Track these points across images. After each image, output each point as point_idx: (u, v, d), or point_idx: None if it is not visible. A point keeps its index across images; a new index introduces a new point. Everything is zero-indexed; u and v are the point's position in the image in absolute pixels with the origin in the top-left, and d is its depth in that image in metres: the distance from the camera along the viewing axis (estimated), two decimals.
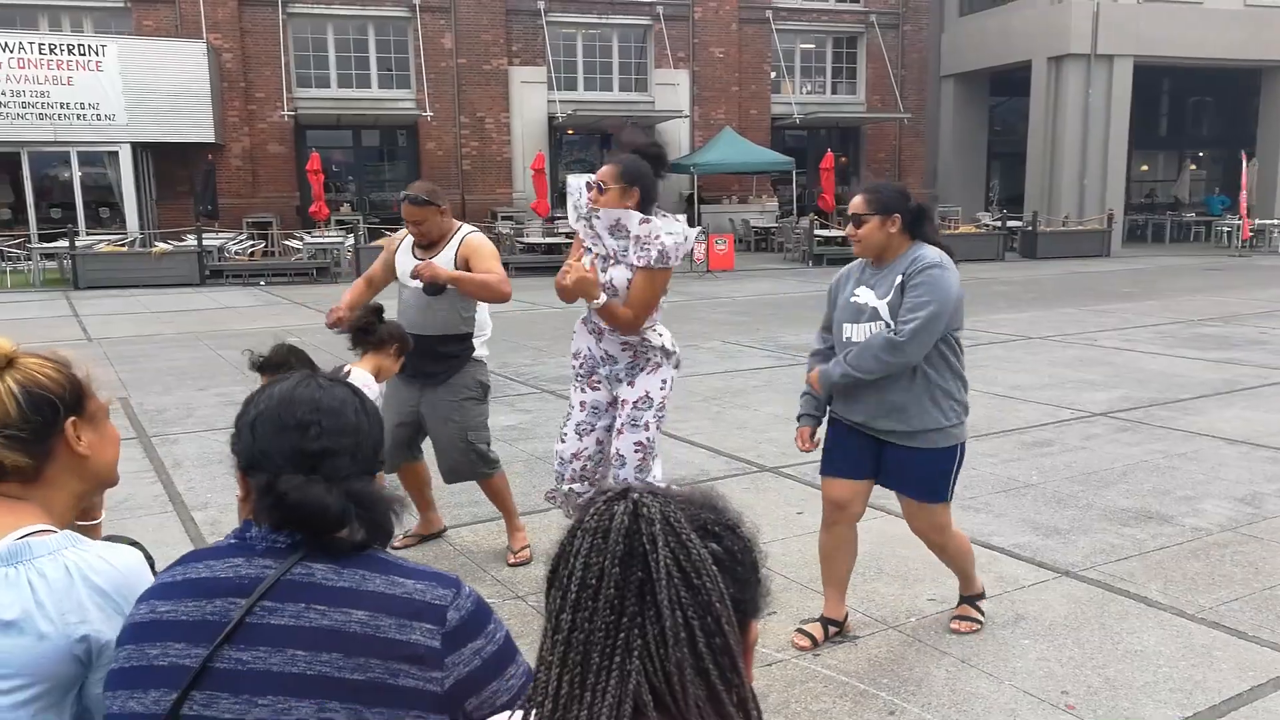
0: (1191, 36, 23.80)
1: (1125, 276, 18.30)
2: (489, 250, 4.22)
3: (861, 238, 3.47)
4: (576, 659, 0.92)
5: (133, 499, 5.29)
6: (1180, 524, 4.87)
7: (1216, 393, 7.95)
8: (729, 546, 0.98)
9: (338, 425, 1.36)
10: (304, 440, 1.34)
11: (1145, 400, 7.65)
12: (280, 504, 1.29)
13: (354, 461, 1.36)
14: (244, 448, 1.37)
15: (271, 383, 1.42)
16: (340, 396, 1.40)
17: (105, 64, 19.38)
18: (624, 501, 0.96)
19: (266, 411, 1.37)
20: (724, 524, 0.99)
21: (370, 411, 1.43)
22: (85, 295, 15.73)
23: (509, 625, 3.72)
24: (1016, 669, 3.39)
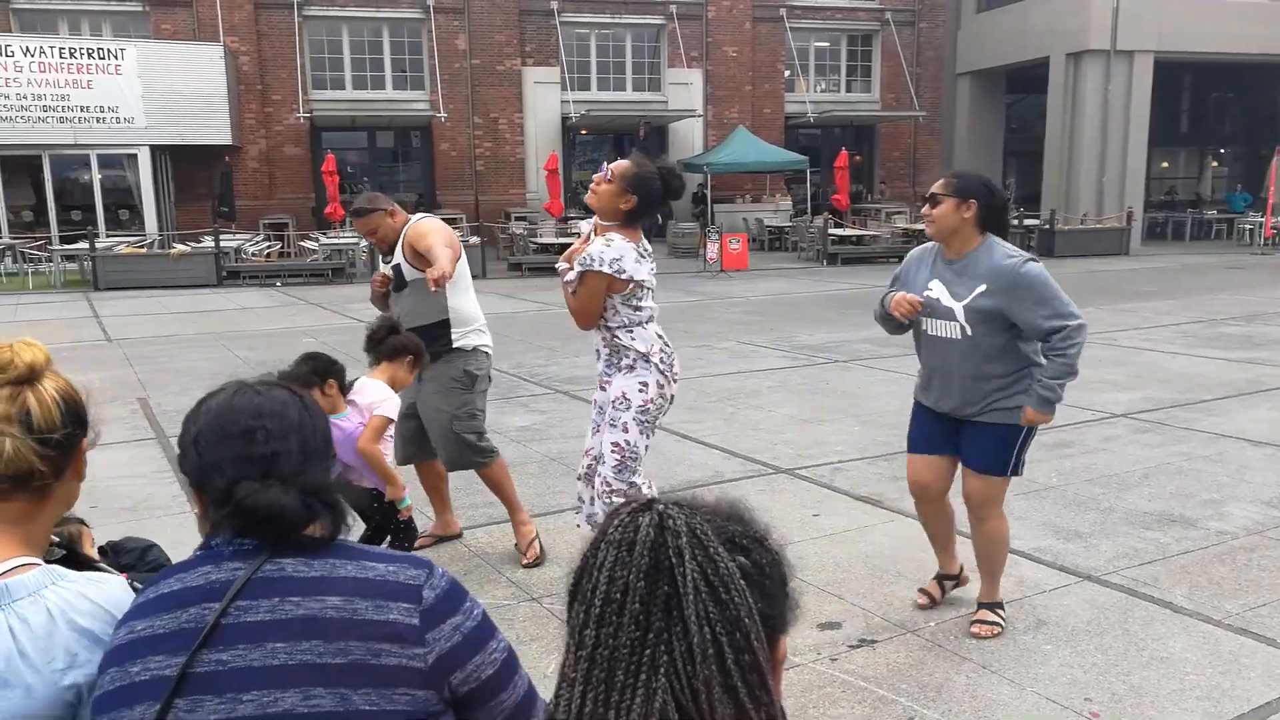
0: (1213, 31, 23.55)
1: (1145, 275, 18.13)
2: (429, 230, 4.17)
3: (935, 218, 3.50)
4: (600, 676, 0.89)
5: (152, 499, 5.29)
6: (1205, 528, 4.80)
7: (1240, 393, 7.85)
8: (757, 560, 0.95)
9: (282, 426, 1.35)
10: (251, 446, 1.33)
11: (1167, 401, 7.56)
12: (238, 512, 1.29)
13: (305, 457, 1.35)
14: (192, 465, 1.36)
15: (207, 397, 1.41)
16: (279, 399, 1.39)
17: (124, 67, 19.51)
18: (649, 513, 0.93)
19: (207, 425, 1.35)
20: (752, 536, 0.96)
21: (312, 407, 1.42)
22: (105, 296, 15.82)
23: (524, 627, 3.73)
24: (1039, 675, 3.33)
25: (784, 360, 9.65)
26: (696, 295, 15.70)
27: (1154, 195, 28.48)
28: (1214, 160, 31.64)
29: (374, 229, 4.26)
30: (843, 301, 14.63)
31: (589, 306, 3.66)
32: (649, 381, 3.72)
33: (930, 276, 3.57)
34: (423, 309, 4.20)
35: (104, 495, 5.31)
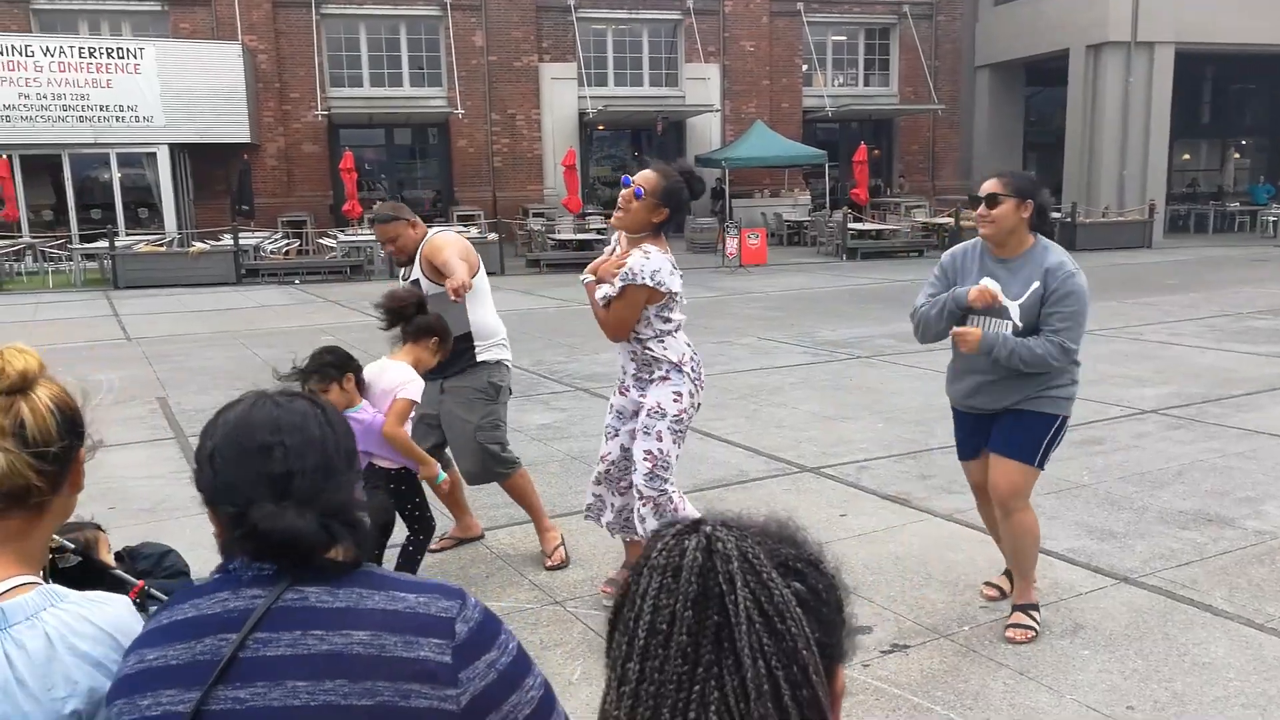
0: (1234, 22, 23.22)
1: (1168, 268, 17.91)
2: (445, 244, 4.15)
3: (996, 218, 3.46)
4: (645, 714, 0.82)
5: (170, 500, 5.26)
6: (1242, 527, 4.69)
7: (1271, 389, 7.70)
8: (813, 584, 0.88)
9: (302, 442, 1.27)
10: (268, 464, 1.24)
11: (1197, 396, 7.43)
12: (253, 536, 1.20)
13: (326, 476, 1.27)
14: (206, 482, 1.28)
15: (225, 408, 1.33)
16: (300, 410, 1.30)
17: (143, 66, 19.58)
18: (696, 535, 0.86)
19: (224, 440, 1.27)
20: (806, 559, 0.89)
21: (335, 421, 1.34)
22: (125, 295, 15.89)
23: (547, 632, 3.67)
24: (1078, 682, 3.25)
25: (805, 356, 9.56)
26: (716, 291, 15.61)
27: (1175, 188, 28.15)
28: (1236, 152, 31.24)
29: (395, 237, 4.21)
30: (863, 296, 14.51)
31: (628, 319, 3.64)
32: (683, 391, 3.72)
33: (980, 275, 3.53)
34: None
35: (122, 496, 5.30)
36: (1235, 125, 30.80)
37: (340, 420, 1.37)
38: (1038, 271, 3.43)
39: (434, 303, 4.10)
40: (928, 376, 8.12)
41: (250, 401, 1.31)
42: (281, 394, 1.34)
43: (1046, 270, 3.41)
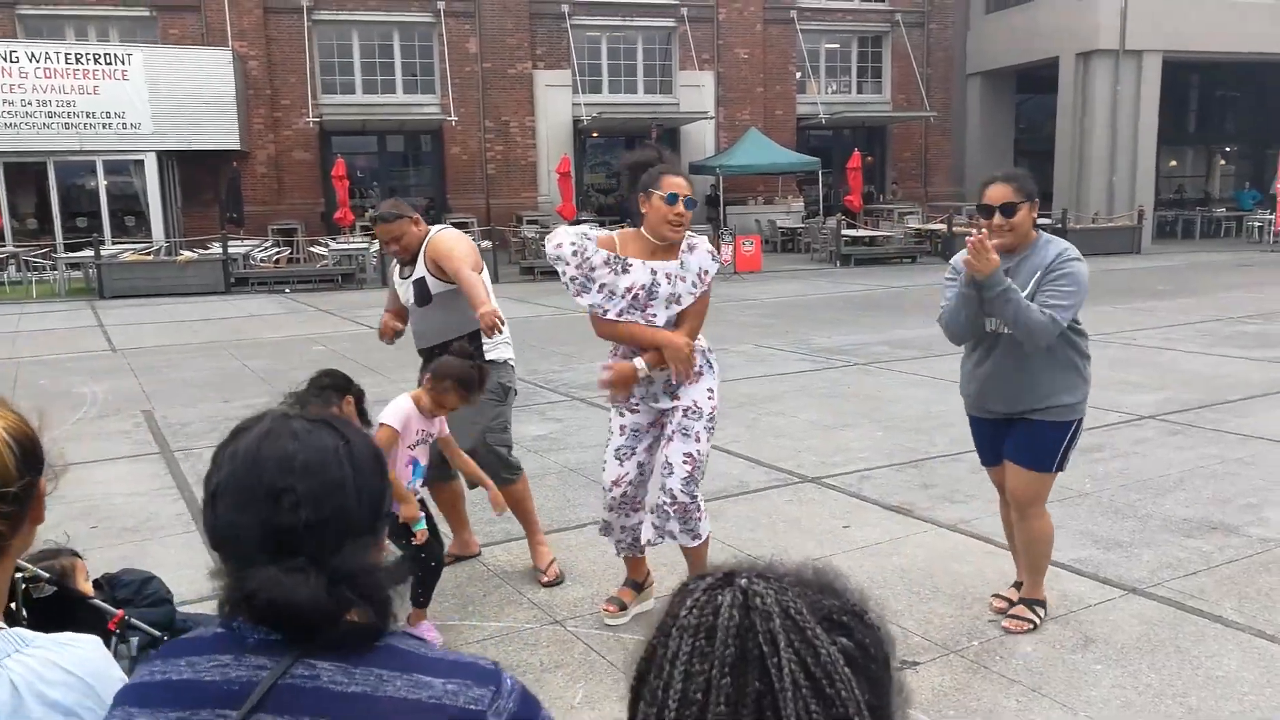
0: (1221, 30, 23.35)
1: (1158, 273, 17.93)
2: (453, 246, 4.06)
3: (1015, 225, 3.40)
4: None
5: (154, 519, 5.15)
6: (1246, 534, 4.64)
7: (1265, 393, 7.67)
8: (860, 639, 0.79)
9: (319, 487, 1.09)
10: (276, 513, 1.08)
11: (1193, 402, 7.39)
12: (251, 604, 1.05)
13: (343, 532, 1.09)
14: (209, 524, 1.13)
15: (238, 432, 1.16)
16: (321, 445, 1.12)
17: (131, 73, 19.44)
18: (730, 590, 0.78)
19: (229, 478, 1.11)
20: (850, 611, 0.81)
21: (360, 457, 1.15)
22: (110, 304, 15.74)
23: (547, 653, 3.57)
24: (1091, 699, 3.18)
25: (803, 364, 9.50)
26: (711, 297, 15.53)
27: (1163, 194, 28.25)
28: (1222, 159, 31.38)
29: (398, 236, 4.09)
30: (858, 303, 14.47)
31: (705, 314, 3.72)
32: (714, 387, 3.74)
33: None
34: (453, 323, 4.11)
35: (105, 514, 5.19)
36: (1221, 132, 30.94)
37: (369, 456, 1.18)
38: (1041, 266, 3.40)
39: (441, 301, 4.09)
40: (926, 384, 8.07)
41: (264, 429, 1.14)
42: (303, 419, 1.17)
43: (1048, 263, 3.39)
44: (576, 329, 11.38)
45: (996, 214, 3.37)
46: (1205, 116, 30.47)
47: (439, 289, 4.07)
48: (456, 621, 3.87)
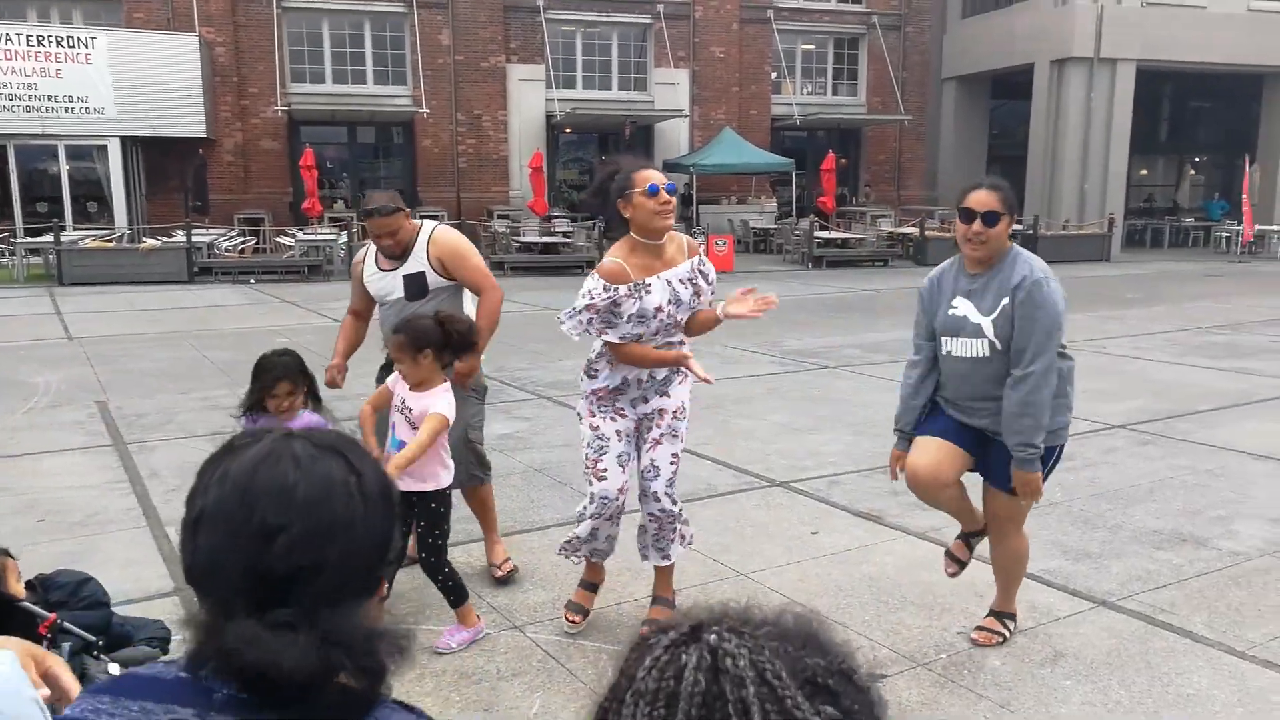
0: (1194, 41, 23.57)
1: (1127, 282, 18.07)
2: (466, 249, 4.11)
3: (992, 237, 3.22)
4: None
5: (104, 513, 4.97)
6: (1216, 547, 4.60)
7: (1234, 404, 7.70)
8: (848, 708, 0.68)
9: (320, 528, 0.94)
10: (266, 555, 0.92)
11: (1163, 412, 7.39)
12: (228, 663, 0.90)
13: (341, 583, 0.94)
14: (185, 555, 0.97)
15: (228, 450, 1.00)
16: (327, 477, 0.96)
17: (94, 56, 19.04)
18: (697, 648, 0.67)
19: (215, 505, 0.95)
20: (837, 671, 0.70)
21: (371, 494, 0.98)
22: (69, 292, 15.38)
23: (505, 660, 3.45)
24: (1060, 715, 3.11)
25: (773, 366, 9.42)
26: None
27: (1133, 202, 28.53)
28: (1191, 169, 31.75)
29: (394, 230, 3.95)
30: (830, 305, 14.44)
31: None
32: (690, 388, 3.72)
33: (953, 295, 3.34)
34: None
35: (53, 507, 5.00)
36: (1191, 142, 31.30)
37: (380, 492, 1.00)
38: (1006, 287, 3.22)
39: (437, 295, 4.02)
40: (896, 388, 8.02)
41: (262, 451, 0.97)
42: (309, 441, 0.99)
43: (1014, 287, 3.20)
44: (544, 326, 11.24)
45: (977, 220, 3.21)
46: (1176, 126, 30.82)
47: (437, 284, 4.03)
48: (413, 625, 3.73)
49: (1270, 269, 20.98)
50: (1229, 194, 27.93)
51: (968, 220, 3.24)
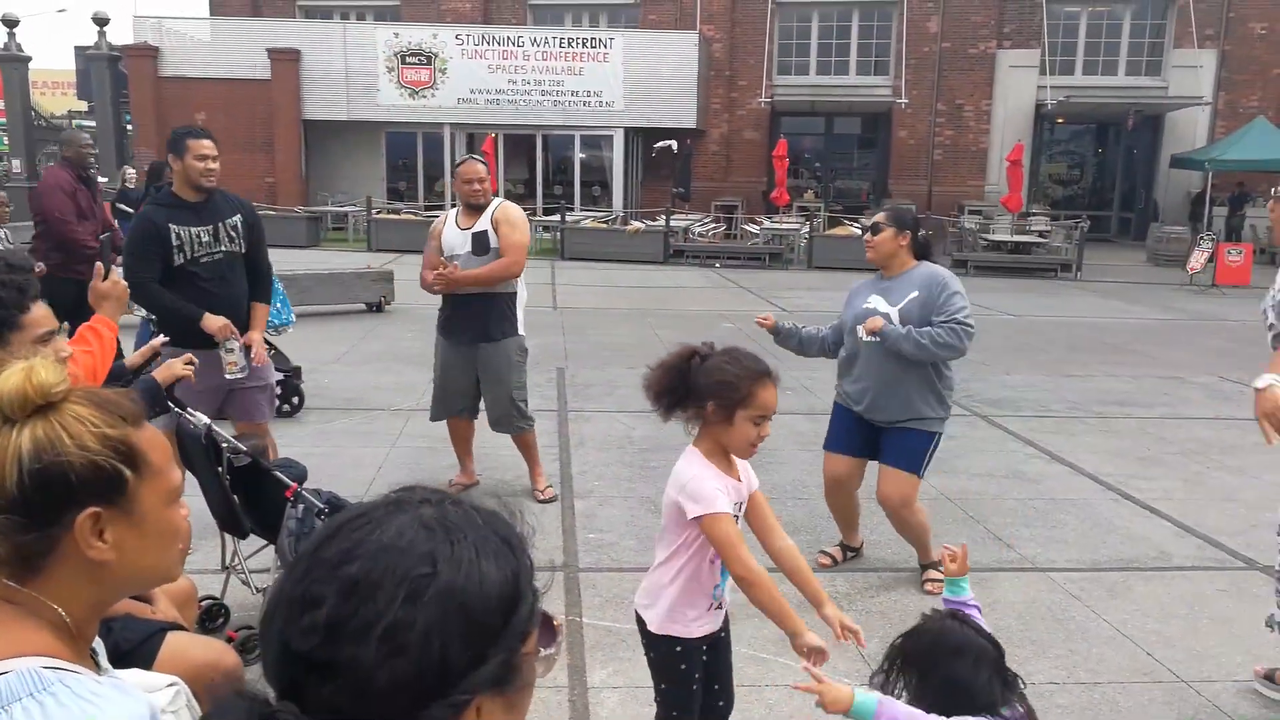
0: None
1: None
2: (518, 220, 4.88)
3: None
4: None
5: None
6: None
7: None
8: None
9: (369, 614, 0.77)
10: (292, 628, 0.78)
11: None
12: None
13: (365, 698, 0.76)
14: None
15: (352, 516, 0.85)
16: (406, 547, 0.80)
17: (611, 55, 21.26)
18: None
19: (288, 570, 0.84)
20: None
21: (448, 594, 0.79)
22: (566, 266, 17.33)
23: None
24: None
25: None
26: (1173, 313, 13.42)
27: None
28: None
29: (483, 179, 4.83)
30: None
31: None
32: None
33: (869, 294, 4.12)
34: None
35: (485, 465, 5.53)
36: None
37: (465, 607, 0.80)
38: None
39: (493, 257, 4.75)
40: None
41: (381, 503, 0.85)
42: (442, 513, 0.84)
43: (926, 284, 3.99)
44: (995, 335, 10.33)
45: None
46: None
47: (494, 244, 4.77)
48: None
49: None
50: None
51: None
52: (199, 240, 4.12)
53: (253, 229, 4.30)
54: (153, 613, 2.43)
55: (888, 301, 4.00)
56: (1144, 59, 22.25)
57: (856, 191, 24.40)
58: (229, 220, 4.19)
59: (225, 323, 4.07)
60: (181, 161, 4.08)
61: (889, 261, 4.04)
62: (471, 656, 0.79)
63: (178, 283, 4.07)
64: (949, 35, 22.16)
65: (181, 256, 4.08)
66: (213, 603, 3.63)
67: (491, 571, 0.82)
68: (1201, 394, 8.22)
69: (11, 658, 1.05)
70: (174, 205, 4.14)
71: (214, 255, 4.16)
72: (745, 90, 23.05)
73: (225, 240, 4.19)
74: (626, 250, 18.23)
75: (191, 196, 4.13)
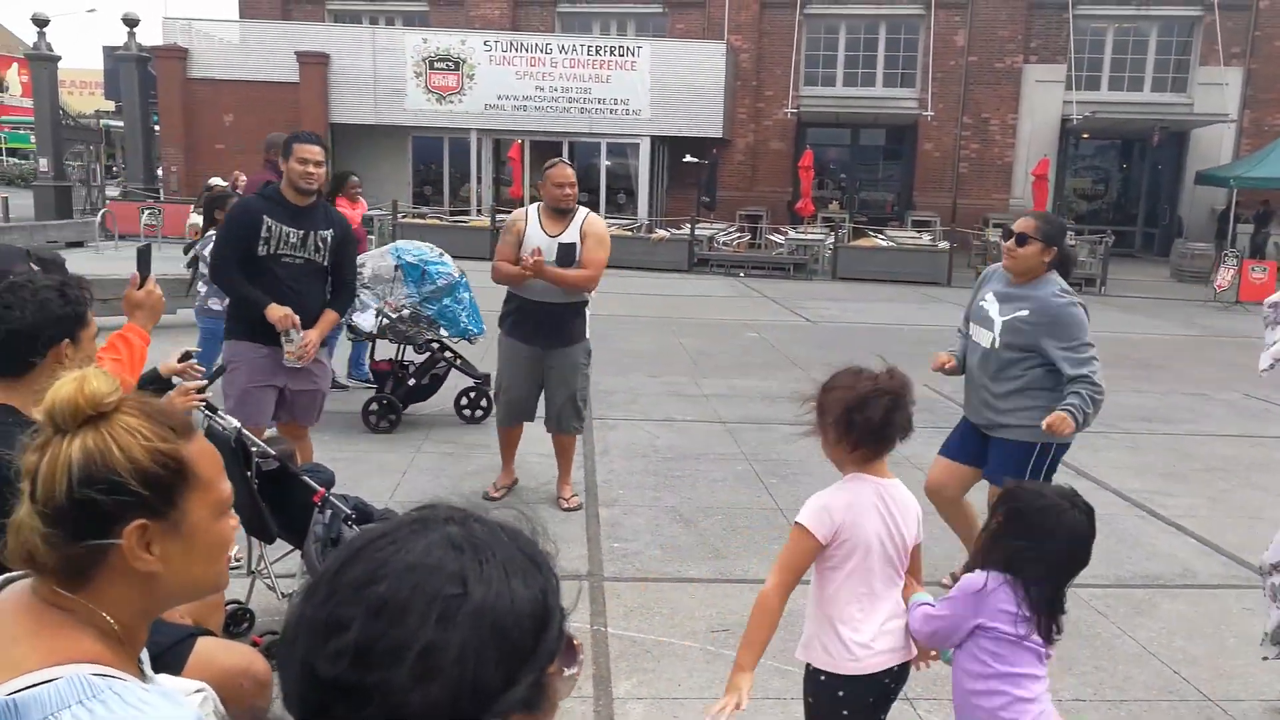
0: None
1: None
2: (606, 239, 4.91)
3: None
4: None
5: (549, 487, 5.43)
6: None
7: None
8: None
9: (399, 637, 0.75)
10: (318, 653, 0.76)
11: None
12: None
13: (428, 712, 0.75)
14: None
15: (376, 535, 0.84)
16: (429, 578, 0.78)
17: (639, 64, 21.36)
18: None
19: (310, 586, 0.82)
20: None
21: (480, 614, 0.78)
22: None
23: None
24: None
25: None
26: (1197, 329, 13.37)
27: None
28: None
29: (575, 185, 4.83)
30: None
31: None
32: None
33: (990, 290, 3.94)
34: (570, 291, 4.88)
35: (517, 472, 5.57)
36: None
37: (499, 628, 0.78)
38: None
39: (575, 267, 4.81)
40: None
41: (407, 519, 0.84)
42: (472, 531, 0.83)
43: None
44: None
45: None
46: None
47: (578, 258, 4.80)
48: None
49: None
50: None
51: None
52: (287, 239, 4.24)
53: (342, 245, 4.42)
54: (181, 616, 2.43)
55: (1000, 309, 3.84)
56: (1170, 75, 22.16)
57: (881, 203, 24.41)
58: (321, 232, 4.32)
59: (287, 312, 4.18)
60: (288, 164, 4.24)
61: (1025, 273, 3.81)
62: (504, 678, 0.77)
63: (256, 274, 4.21)
64: (975, 49, 22.15)
65: (266, 248, 4.21)
66: (237, 607, 3.61)
67: (521, 590, 0.80)
68: (1226, 410, 8.20)
69: (62, 664, 1.06)
70: (276, 201, 4.28)
71: (296, 259, 4.28)
72: (771, 100, 23.09)
73: (312, 249, 4.31)
74: (651, 258, 18.28)
75: (295, 199, 4.26)
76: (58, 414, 1.10)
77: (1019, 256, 3.76)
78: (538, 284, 4.75)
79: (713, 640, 3.73)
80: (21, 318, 2.08)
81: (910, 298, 15.25)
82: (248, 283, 4.21)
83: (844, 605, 2.24)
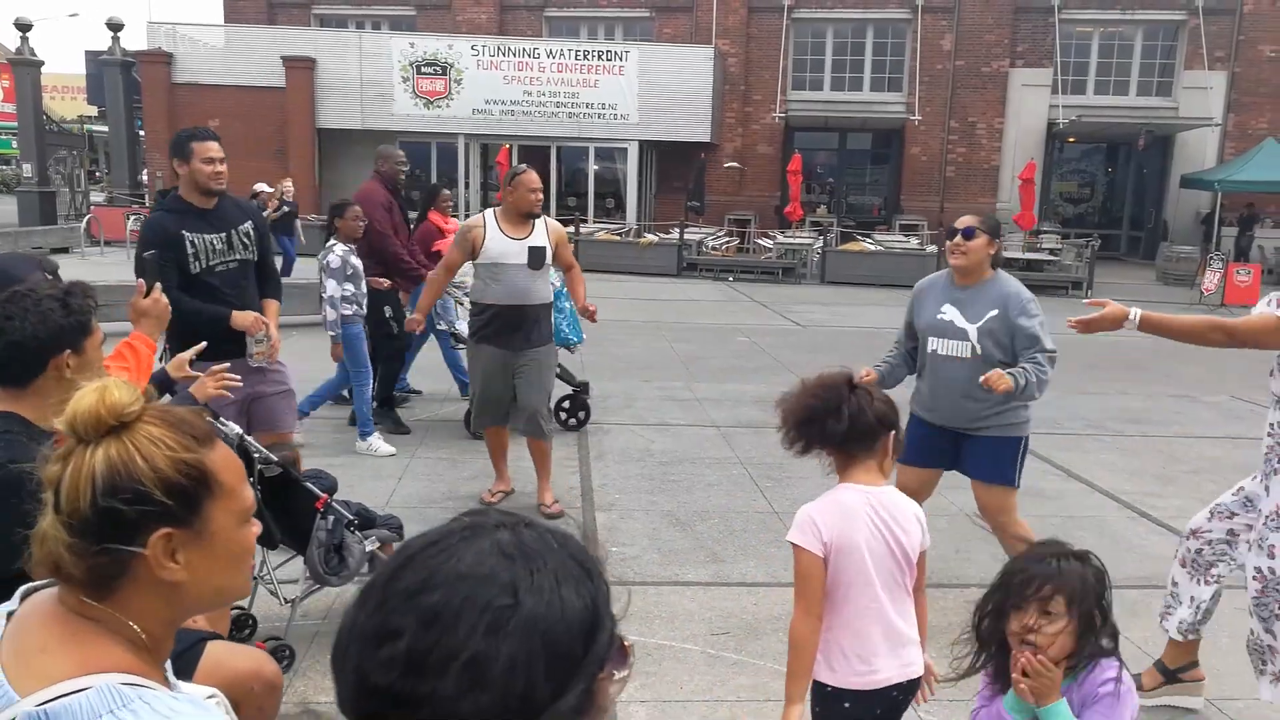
0: None
1: None
2: (566, 236, 5.22)
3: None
4: None
5: (554, 486, 5.46)
6: None
7: None
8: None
9: (449, 645, 0.76)
10: (369, 661, 0.77)
11: None
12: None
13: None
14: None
15: (433, 543, 0.83)
16: (480, 588, 0.78)
17: (626, 69, 21.38)
18: None
19: (371, 583, 0.83)
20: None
21: (530, 625, 0.78)
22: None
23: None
24: None
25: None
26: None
27: None
28: None
29: (543, 192, 5.01)
30: None
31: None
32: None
33: (942, 301, 3.91)
34: (542, 291, 5.04)
35: (515, 478, 5.60)
36: None
37: (547, 640, 0.79)
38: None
39: (544, 273, 4.98)
40: None
41: (457, 526, 0.84)
42: (522, 539, 0.83)
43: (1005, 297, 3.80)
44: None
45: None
46: None
47: (549, 260, 4.99)
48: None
49: None
50: None
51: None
52: (213, 248, 4.00)
53: (263, 235, 4.24)
54: (193, 621, 2.47)
55: (965, 316, 3.81)
56: (1155, 80, 22.35)
57: (869, 207, 24.52)
58: (241, 227, 4.09)
59: (256, 316, 4.03)
60: (188, 165, 3.91)
61: (975, 270, 3.83)
62: (554, 688, 0.78)
63: (193, 292, 3.92)
64: (962, 53, 22.28)
65: (198, 265, 3.96)
66: (240, 613, 3.62)
67: (572, 599, 0.81)
68: (1214, 413, 8.27)
69: (92, 674, 1.06)
70: (185, 211, 3.97)
71: (229, 264, 4.05)
72: (759, 105, 23.17)
73: (239, 248, 4.08)
74: (639, 262, 18.33)
75: (201, 202, 3.98)
76: (80, 425, 1.11)
77: (970, 250, 3.78)
78: (517, 287, 4.88)
79: (713, 643, 3.76)
80: (22, 328, 2.07)
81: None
82: (197, 300, 3.92)
83: (848, 618, 2.21)
